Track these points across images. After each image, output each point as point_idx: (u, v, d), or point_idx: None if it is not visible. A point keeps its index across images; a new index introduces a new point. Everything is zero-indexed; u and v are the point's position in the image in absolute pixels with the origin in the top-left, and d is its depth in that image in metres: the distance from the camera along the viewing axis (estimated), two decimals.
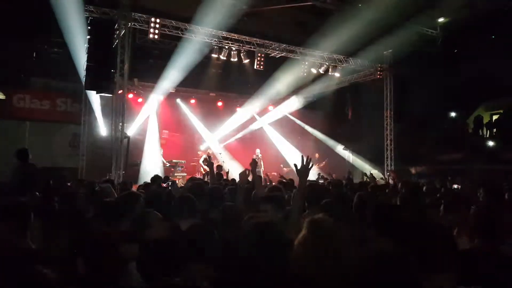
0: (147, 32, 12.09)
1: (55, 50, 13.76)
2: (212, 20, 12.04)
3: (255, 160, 5.16)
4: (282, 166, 16.77)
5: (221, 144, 17.98)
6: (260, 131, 19.14)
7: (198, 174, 14.79)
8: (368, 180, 9.37)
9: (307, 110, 19.49)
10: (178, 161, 15.25)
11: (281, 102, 18.64)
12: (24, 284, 1.51)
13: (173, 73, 13.92)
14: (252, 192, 4.55)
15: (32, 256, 2.55)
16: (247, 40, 13.82)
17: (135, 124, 15.33)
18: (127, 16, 11.52)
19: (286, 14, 13.07)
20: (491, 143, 15.12)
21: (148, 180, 7.33)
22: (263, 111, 18.95)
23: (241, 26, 13.21)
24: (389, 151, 15.80)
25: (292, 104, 18.86)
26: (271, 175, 13.69)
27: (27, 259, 2.39)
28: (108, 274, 2.14)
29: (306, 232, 1.97)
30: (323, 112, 19.41)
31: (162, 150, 15.49)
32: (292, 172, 14.26)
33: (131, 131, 14.40)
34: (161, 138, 16.19)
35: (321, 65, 15.50)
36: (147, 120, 15.94)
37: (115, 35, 11.66)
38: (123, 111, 11.72)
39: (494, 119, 16.79)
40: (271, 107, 19.01)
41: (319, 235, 1.92)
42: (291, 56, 15.04)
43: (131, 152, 14.05)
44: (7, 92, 13.09)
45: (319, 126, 19.26)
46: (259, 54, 14.25)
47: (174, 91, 15.88)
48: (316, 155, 16.14)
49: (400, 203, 4.23)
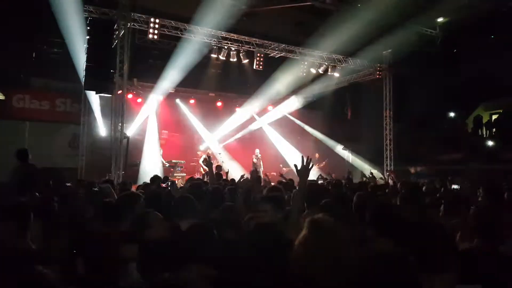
0: (147, 32, 12.11)
1: (55, 50, 13.78)
2: (211, 20, 12.05)
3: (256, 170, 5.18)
4: (281, 166, 16.76)
5: (220, 144, 17.97)
6: (260, 131, 19.12)
7: (197, 174, 14.77)
8: (367, 180, 9.39)
9: (306, 110, 19.49)
10: (177, 161, 15.26)
11: (280, 102, 18.64)
12: (24, 284, 1.50)
13: (172, 73, 13.91)
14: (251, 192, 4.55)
15: (32, 256, 2.55)
16: (247, 40, 13.81)
17: (135, 124, 15.31)
18: (126, 16, 11.50)
19: (286, 14, 13.07)
20: (490, 143, 15.14)
21: (148, 181, 7.31)
22: (262, 111, 18.94)
23: (240, 26, 13.20)
24: (388, 151, 15.80)
25: (291, 104, 18.85)
26: (271, 175, 13.68)
27: (27, 259, 2.38)
28: (108, 274, 2.14)
29: (306, 232, 1.97)
30: (323, 112, 19.42)
31: (162, 150, 15.48)
32: (291, 172, 14.26)
33: (130, 131, 14.39)
34: (160, 138, 16.18)
35: (320, 65, 15.49)
36: (146, 120, 15.92)
37: (115, 35, 11.66)
38: (123, 111, 11.71)
39: (493, 119, 16.80)
40: (270, 107, 19.00)
41: (320, 235, 1.92)
42: (291, 56, 15.03)
43: (131, 152, 14.03)
44: (6, 92, 13.11)
45: (318, 126, 19.26)
46: (258, 54, 14.25)
47: (173, 91, 15.88)
48: (316, 155, 16.14)
49: (400, 203, 4.23)
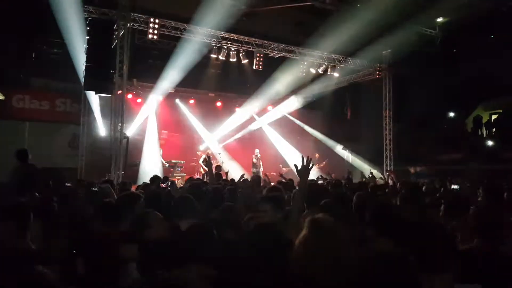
0: (146, 32, 12.10)
1: (55, 50, 13.76)
2: (211, 20, 12.04)
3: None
4: (281, 166, 16.76)
5: (220, 144, 17.97)
6: (259, 131, 19.12)
7: (197, 174, 14.76)
8: (367, 180, 9.38)
9: (306, 110, 19.49)
10: (177, 161, 15.26)
11: (280, 102, 18.63)
12: (24, 284, 1.50)
13: (172, 73, 13.90)
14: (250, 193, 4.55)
15: (32, 256, 2.55)
16: (246, 40, 13.80)
17: (134, 124, 15.31)
18: (126, 16, 11.50)
19: (285, 14, 13.07)
20: (490, 142, 15.15)
21: (147, 181, 7.29)
22: (262, 111, 18.94)
23: (240, 26, 13.19)
24: (388, 151, 15.80)
25: (291, 104, 18.85)
26: (271, 175, 13.68)
27: (27, 259, 2.38)
28: (108, 274, 2.14)
29: (306, 232, 1.97)
30: (322, 112, 19.41)
31: (161, 150, 15.48)
32: (291, 172, 14.25)
33: (130, 131, 14.38)
34: (160, 139, 16.18)
35: (320, 65, 15.49)
36: (146, 121, 15.92)
37: (114, 36, 11.66)
38: (122, 112, 11.71)
39: (493, 118, 16.81)
40: (270, 107, 19.00)
41: (320, 235, 1.92)
42: (290, 56, 15.02)
43: (130, 153, 14.03)
44: (6, 93, 13.09)
45: (318, 126, 19.25)
46: (258, 54, 14.24)
47: (173, 91, 15.87)
48: (316, 155, 16.12)
49: (400, 203, 4.23)
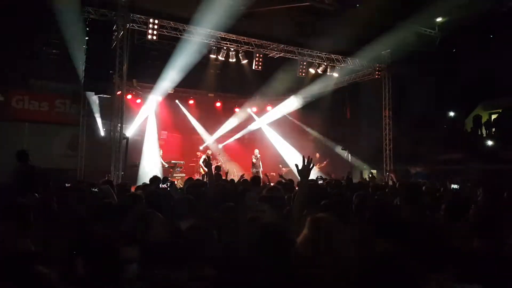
0: (146, 33, 12.09)
1: (54, 51, 13.74)
2: (210, 20, 12.03)
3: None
4: (281, 166, 16.77)
5: (220, 145, 17.97)
6: (259, 131, 19.14)
7: (197, 174, 14.77)
8: (367, 180, 9.38)
9: (305, 110, 19.45)
10: (177, 162, 15.24)
11: (279, 102, 18.64)
12: (24, 284, 1.51)
13: (171, 73, 13.90)
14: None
15: (32, 256, 2.55)
16: (246, 40, 13.80)
17: (134, 125, 15.31)
18: (125, 17, 11.49)
19: (285, 15, 13.06)
20: (490, 142, 15.14)
21: (147, 181, 7.29)
22: (261, 111, 18.95)
23: (239, 27, 13.17)
24: (387, 151, 15.78)
25: (290, 104, 18.82)
26: (270, 175, 13.68)
27: (27, 259, 2.38)
28: (108, 274, 2.14)
29: (307, 231, 1.97)
30: (322, 112, 19.38)
31: (161, 151, 15.48)
32: (290, 172, 14.27)
33: (130, 132, 14.39)
34: (160, 139, 16.18)
35: (319, 65, 15.48)
36: (146, 121, 15.92)
37: (114, 36, 11.66)
38: (122, 112, 11.70)
39: (493, 118, 16.78)
40: (269, 108, 19.00)
41: (320, 235, 1.92)
42: (290, 56, 15.01)
43: (130, 153, 14.03)
44: (6, 93, 13.08)
45: (317, 126, 19.22)
46: (257, 55, 14.24)
47: (172, 91, 15.86)
48: (317, 155, 16.11)
49: (400, 203, 4.23)
